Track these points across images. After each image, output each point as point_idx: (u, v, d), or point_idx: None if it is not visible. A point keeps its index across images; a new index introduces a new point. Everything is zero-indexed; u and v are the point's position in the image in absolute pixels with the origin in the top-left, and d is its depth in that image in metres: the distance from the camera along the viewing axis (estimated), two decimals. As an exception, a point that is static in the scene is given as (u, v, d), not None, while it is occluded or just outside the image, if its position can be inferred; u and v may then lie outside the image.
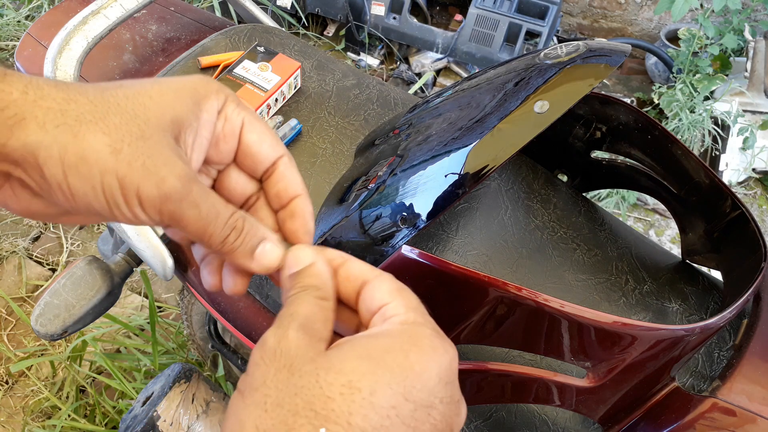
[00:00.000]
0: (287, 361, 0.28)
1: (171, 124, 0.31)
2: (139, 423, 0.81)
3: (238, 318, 0.82)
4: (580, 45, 0.57)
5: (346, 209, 0.61)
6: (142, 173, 0.29)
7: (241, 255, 0.34)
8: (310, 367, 0.28)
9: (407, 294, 0.33)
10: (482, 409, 0.64)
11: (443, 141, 0.57)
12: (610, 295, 0.68)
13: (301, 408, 0.27)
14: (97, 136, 0.29)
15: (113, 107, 0.30)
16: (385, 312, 0.32)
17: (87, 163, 0.29)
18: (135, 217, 0.30)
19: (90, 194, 0.29)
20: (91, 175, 0.29)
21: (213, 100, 0.34)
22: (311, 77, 0.86)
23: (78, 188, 0.29)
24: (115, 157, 0.29)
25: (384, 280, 0.33)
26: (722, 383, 0.59)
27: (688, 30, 1.99)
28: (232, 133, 0.35)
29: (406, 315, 0.31)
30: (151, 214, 0.30)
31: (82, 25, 0.78)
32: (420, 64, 2.35)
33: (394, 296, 0.32)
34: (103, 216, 0.31)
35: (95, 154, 0.29)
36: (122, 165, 0.29)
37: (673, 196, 0.72)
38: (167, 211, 0.30)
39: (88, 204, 0.29)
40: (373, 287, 0.33)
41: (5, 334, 1.54)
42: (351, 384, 0.27)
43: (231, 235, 0.33)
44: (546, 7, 2.11)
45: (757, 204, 2.01)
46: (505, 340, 0.52)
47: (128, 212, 0.30)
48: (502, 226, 0.70)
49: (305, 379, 0.28)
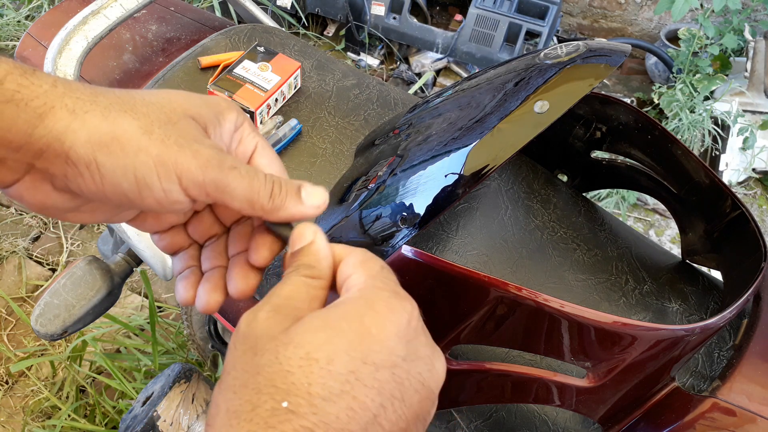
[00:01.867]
0: (252, 343, 0.29)
1: (197, 116, 0.32)
2: (139, 423, 0.81)
3: (238, 318, 0.82)
4: (580, 45, 0.57)
5: (346, 209, 0.61)
6: (177, 149, 0.30)
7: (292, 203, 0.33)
8: (271, 345, 0.28)
9: (372, 263, 0.33)
10: (482, 409, 0.64)
11: (443, 141, 0.57)
12: (610, 295, 0.68)
13: (263, 385, 0.27)
14: (128, 119, 0.29)
15: (139, 101, 0.31)
16: (348, 283, 0.32)
17: (119, 142, 0.29)
18: (166, 195, 0.30)
19: (119, 174, 0.29)
20: (124, 153, 0.29)
21: (233, 116, 0.35)
22: (311, 77, 0.86)
23: (108, 168, 0.29)
24: (148, 137, 0.29)
25: (354, 254, 0.34)
26: (722, 383, 0.59)
27: (688, 30, 1.99)
28: (244, 153, 0.36)
29: (365, 282, 0.31)
30: (193, 190, 0.30)
31: (82, 25, 0.78)
32: (420, 64, 2.35)
33: (357, 268, 0.33)
34: (130, 199, 0.30)
35: (127, 134, 0.29)
36: (155, 143, 0.29)
37: (673, 196, 0.72)
38: (210, 181, 0.30)
39: (115, 185, 0.29)
40: (344, 263, 0.33)
41: (5, 334, 1.54)
42: (308, 356, 0.28)
43: (275, 188, 0.33)
44: (546, 7, 2.11)
45: (757, 204, 2.01)
46: (505, 340, 0.52)
47: (160, 191, 0.30)
48: (502, 226, 0.70)
49: (266, 357, 0.28)
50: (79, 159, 0.29)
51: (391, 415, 0.28)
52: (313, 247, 0.34)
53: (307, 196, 0.34)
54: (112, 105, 0.30)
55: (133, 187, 0.30)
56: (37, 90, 0.28)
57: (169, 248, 0.38)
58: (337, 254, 0.34)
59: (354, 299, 0.30)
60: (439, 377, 0.30)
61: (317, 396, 0.27)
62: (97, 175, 0.29)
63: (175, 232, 0.38)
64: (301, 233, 0.34)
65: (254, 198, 0.32)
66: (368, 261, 0.33)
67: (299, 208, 0.34)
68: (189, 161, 0.30)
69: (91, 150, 0.29)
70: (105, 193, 0.30)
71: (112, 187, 0.29)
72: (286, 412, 0.26)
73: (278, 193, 0.33)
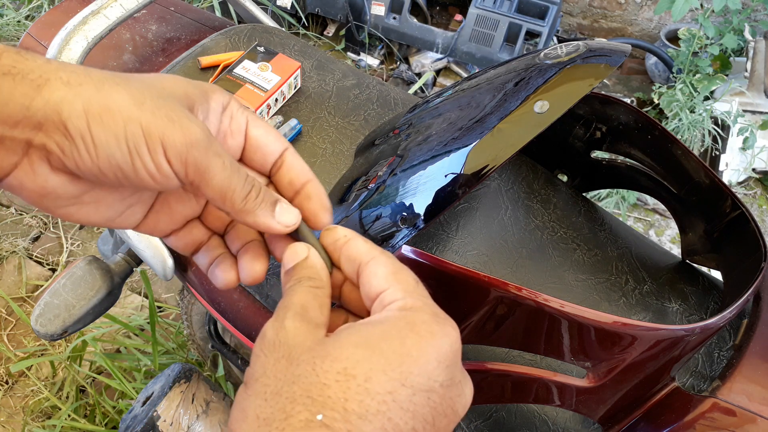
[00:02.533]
0: (286, 351, 0.29)
1: (185, 97, 0.32)
2: (139, 423, 0.81)
3: (238, 318, 0.82)
4: (580, 45, 0.57)
5: (346, 209, 0.61)
6: (166, 122, 0.30)
7: (263, 213, 0.34)
8: (308, 356, 0.28)
9: (404, 276, 0.33)
10: (482, 409, 0.64)
11: (443, 141, 0.57)
12: (610, 295, 0.68)
13: (299, 395, 0.27)
14: (120, 91, 0.30)
15: (132, 78, 0.31)
16: (384, 299, 0.32)
17: (110, 112, 0.29)
18: (157, 168, 0.30)
19: (113, 144, 0.29)
20: (115, 123, 0.29)
21: (219, 96, 0.35)
22: (311, 77, 0.86)
23: (101, 139, 0.29)
24: (139, 108, 0.29)
25: (380, 263, 0.33)
26: (722, 383, 0.59)
27: (688, 30, 1.99)
28: (238, 129, 0.36)
29: (404, 301, 0.31)
30: (176, 164, 0.30)
31: (82, 25, 0.78)
32: (420, 64, 2.35)
33: (391, 281, 0.32)
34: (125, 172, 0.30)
35: (118, 104, 0.29)
36: (146, 114, 0.29)
37: (673, 196, 0.72)
38: (192, 160, 0.30)
39: (109, 156, 0.29)
40: (370, 272, 0.33)
41: (5, 334, 1.54)
42: (346, 371, 0.28)
43: (252, 191, 0.33)
44: (546, 7, 2.11)
45: (757, 204, 2.01)
46: (505, 340, 0.52)
47: (150, 163, 0.30)
48: (502, 226, 0.70)
49: (302, 368, 0.28)
50: (76, 130, 0.29)
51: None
52: (308, 261, 0.34)
53: (281, 212, 0.34)
54: (105, 79, 0.30)
55: (126, 158, 0.29)
56: (32, 64, 0.29)
57: (189, 246, 0.38)
58: (354, 255, 0.34)
59: (395, 319, 0.30)
60: (466, 402, 0.31)
61: (353, 413, 0.27)
62: (92, 147, 0.29)
63: (192, 227, 0.38)
64: (294, 251, 0.35)
65: (228, 194, 0.32)
66: (401, 273, 0.33)
67: (268, 221, 0.34)
68: (176, 135, 0.30)
69: (86, 121, 0.29)
70: (100, 168, 0.29)
71: (106, 159, 0.29)
72: (320, 425, 0.26)
73: (253, 198, 0.33)
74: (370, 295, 0.33)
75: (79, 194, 0.32)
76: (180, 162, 0.30)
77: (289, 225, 0.35)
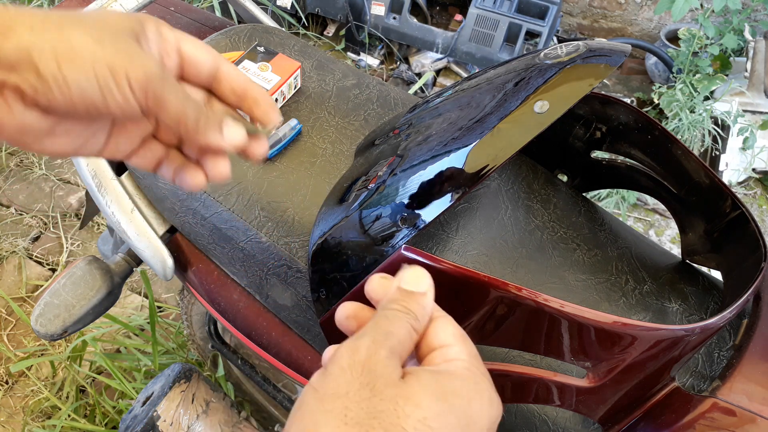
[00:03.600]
0: (372, 380, 0.30)
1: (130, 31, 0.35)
2: (139, 423, 0.81)
3: (238, 318, 0.82)
4: (580, 45, 0.57)
5: (346, 209, 0.61)
6: (127, 59, 0.33)
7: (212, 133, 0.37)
8: (391, 393, 0.29)
9: (468, 341, 0.35)
10: (482, 409, 0.64)
11: (443, 141, 0.57)
12: (610, 295, 0.68)
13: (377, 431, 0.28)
14: (81, 33, 0.32)
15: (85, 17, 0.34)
16: (448, 353, 0.34)
17: (78, 53, 0.32)
18: (125, 100, 0.33)
19: (84, 82, 0.32)
20: (84, 62, 0.32)
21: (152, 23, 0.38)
22: (311, 77, 0.86)
23: (73, 78, 0.31)
24: (101, 46, 0.32)
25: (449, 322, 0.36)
26: (722, 383, 0.59)
27: (688, 30, 1.99)
28: (173, 49, 0.39)
29: (469, 362, 0.34)
30: (139, 95, 0.33)
31: (82, 25, 0.78)
32: (420, 64, 2.35)
33: (458, 340, 0.35)
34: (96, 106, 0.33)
35: (83, 45, 0.32)
36: (109, 53, 0.32)
37: (673, 196, 0.72)
38: (152, 92, 0.34)
39: (82, 92, 0.32)
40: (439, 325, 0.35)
41: (5, 334, 1.54)
42: (425, 421, 0.29)
43: (201, 116, 0.37)
44: (546, 7, 2.11)
45: (757, 204, 2.01)
46: (505, 340, 0.52)
47: (119, 95, 0.33)
48: (502, 226, 0.70)
49: (385, 404, 0.29)
50: (48, 72, 0.31)
51: None
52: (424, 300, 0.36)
53: (228, 131, 0.38)
54: (64, 22, 0.32)
55: (98, 93, 0.32)
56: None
57: (151, 162, 0.41)
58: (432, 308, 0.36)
59: (464, 378, 0.32)
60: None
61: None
62: (65, 86, 0.31)
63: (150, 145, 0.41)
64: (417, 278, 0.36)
65: (182, 118, 0.36)
66: (465, 337, 0.35)
67: (217, 139, 0.38)
68: (138, 70, 0.33)
69: (56, 63, 0.31)
70: (73, 102, 0.32)
71: (80, 96, 0.32)
72: None
73: (203, 122, 0.37)
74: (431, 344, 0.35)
75: (51, 127, 0.35)
76: (142, 93, 0.34)
77: (237, 142, 0.39)
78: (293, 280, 0.70)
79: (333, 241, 0.60)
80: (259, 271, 0.72)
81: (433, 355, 0.34)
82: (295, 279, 0.69)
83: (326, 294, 0.60)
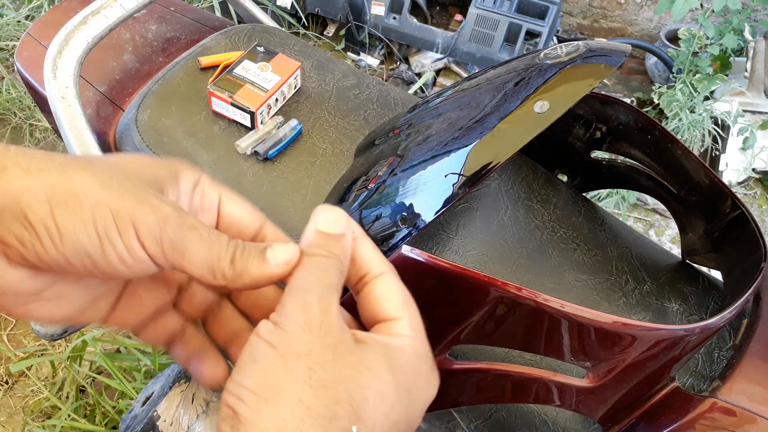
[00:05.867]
0: (332, 342, 0.28)
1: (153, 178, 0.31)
2: (139, 423, 0.81)
3: (238, 318, 0.82)
4: (580, 45, 0.57)
5: (346, 209, 0.61)
6: (135, 204, 0.28)
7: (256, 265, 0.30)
8: (354, 360, 0.29)
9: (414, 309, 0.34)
10: (482, 409, 0.64)
11: (443, 141, 0.57)
12: (610, 295, 0.68)
13: (343, 398, 0.27)
14: (85, 176, 0.28)
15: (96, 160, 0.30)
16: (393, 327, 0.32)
17: (76, 197, 0.27)
18: (130, 253, 0.28)
19: (80, 230, 0.27)
20: (82, 208, 0.27)
21: (189, 173, 0.33)
22: (311, 77, 0.86)
23: (67, 225, 0.27)
24: (106, 190, 0.27)
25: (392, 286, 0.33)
26: (722, 383, 0.59)
27: (688, 30, 1.99)
28: (210, 206, 0.34)
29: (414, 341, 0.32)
30: (150, 246, 0.28)
31: (82, 25, 0.78)
32: (420, 64, 2.35)
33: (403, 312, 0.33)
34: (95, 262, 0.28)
35: (84, 188, 0.27)
36: (114, 197, 0.27)
37: (673, 196, 0.72)
38: (168, 239, 0.28)
39: (76, 243, 0.27)
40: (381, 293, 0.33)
41: (5, 334, 1.54)
42: (383, 395, 0.29)
43: (237, 251, 0.30)
44: (546, 7, 2.11)
45: (757, 204, 2.01)
46: (505, 340, 0.52)
47: (122, 248, 0.28)
48: (502, 226, 0.70)
49: (348, 371, 0.28)
50: (37, 219, 0.26)
51: None
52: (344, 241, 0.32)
53: (273, 254, 0.31)
54: (68, 163, 0.28)
55: (95, 243, 0.27)
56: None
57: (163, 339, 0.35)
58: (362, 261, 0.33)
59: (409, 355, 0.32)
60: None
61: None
62: (57, 236, 0.27)
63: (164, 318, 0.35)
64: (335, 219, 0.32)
65: (214, 264, 0.29)
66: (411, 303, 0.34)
67: (263, 269, 0.30)
68: (147, 216, 0.28)
69: (49, 209, 0.26)
70: (66, 256, 0.27)
71: (73, 247, 0.27)
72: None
73: (239, 257, 0.30)
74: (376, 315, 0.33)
75: (40, 290, 0.29)
76: (155, 243, 0.28)
77: (289, 260, 0.31)
78: (293, 280, 0.69)
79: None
80: (259, 271, 0.72)
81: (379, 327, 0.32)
82: (295, 279, 0.69)
83: (326, 294, 0.60)
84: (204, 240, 0.29)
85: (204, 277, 0.30)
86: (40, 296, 0.29)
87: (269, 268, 0.30)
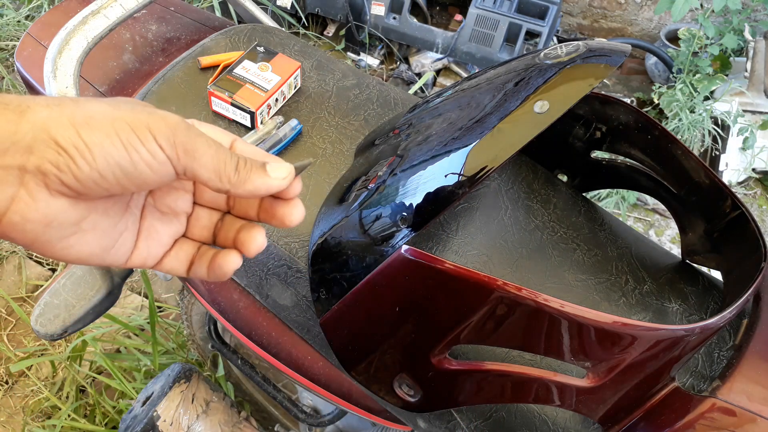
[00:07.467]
0: None
1: None
2: (139, 423, 0.82)
3: (238, 318, 0.82)
4: (580, 45, 0.57)
5: (346, 209, 0.61)
6: (146, 115, 0.32)
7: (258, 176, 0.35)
8: None
9: None
10: (482, 409, 0.64)
11: (443, 141, 0.57)
12: (610, 295, 0.68)
13: None
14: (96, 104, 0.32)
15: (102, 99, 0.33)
16: None
17: (95, 118, 0.31)
18: (153, 156, 0.31)
19: (107, 143, 0.30)
20: (103, 125, 0.30)
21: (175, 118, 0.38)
22: (311, 77, 0.86)
23: (94, 141, 0.30)
24: (119, 110, 0.31)
25: None
26: (722, 383, 0.59)
27: (688, 30, 2.00)
28: None
29: None
30: (167, 148, 0.32)
31: (82, 25, 0.78)
32: (420, 64, 2.35)
33: None
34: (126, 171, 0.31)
35: (100, 110, 0.31)
36: (127, 113, 0.31)
37: (673, 196, 0.72)
38: (180, 142, 0.32)
39: (107, 157, 0.30)
40: None
41: (5, 334, 1.54)
42: None
43: (240, 161, 0.35)
44: (546, 7, 2.11)
45: (757, 204, 2.01)
46: (505, 340, 0.52)
47: (146, 152, 0.31)
48: (502, 226, 0.70)
49: None
50: (67, 142, 0.30)
51: None
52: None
53: (272, 170, 0.36)
54: (79, 99, 0.32)
55: (123, 153, 0.31)
56: (9, 97, 0.31)
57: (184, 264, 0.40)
58: None
59: None
60: None
61: None
62: (87, 153, 0.30)
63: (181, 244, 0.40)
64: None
65: (221, 168, 0.34)
66: None
67: (265, 180, 0.36)
68: (159, 123, 0.32)
69: (75, 131, 0.30)
70: (99, 171, 0.31)
71: (105, 160, 0.30)
72: None
73: (243, 166, 0.35)
74: None
75: (79, 220, 0.33)
76: (170, 146, 0.32)
77: (286, 177, 0.36)
78: (293, 280, 0.70)
79: (333, 241, 0.60)
80: (259, 271, 0.72)
81: None
82: (295, 279, 0.69)
83: (326, 294, 0.60)
84: (210, 146, 0.33)
85: (212, 180, 0.34)
86: (79, 227, 0.33)
87: (270, 180, 0.36)
